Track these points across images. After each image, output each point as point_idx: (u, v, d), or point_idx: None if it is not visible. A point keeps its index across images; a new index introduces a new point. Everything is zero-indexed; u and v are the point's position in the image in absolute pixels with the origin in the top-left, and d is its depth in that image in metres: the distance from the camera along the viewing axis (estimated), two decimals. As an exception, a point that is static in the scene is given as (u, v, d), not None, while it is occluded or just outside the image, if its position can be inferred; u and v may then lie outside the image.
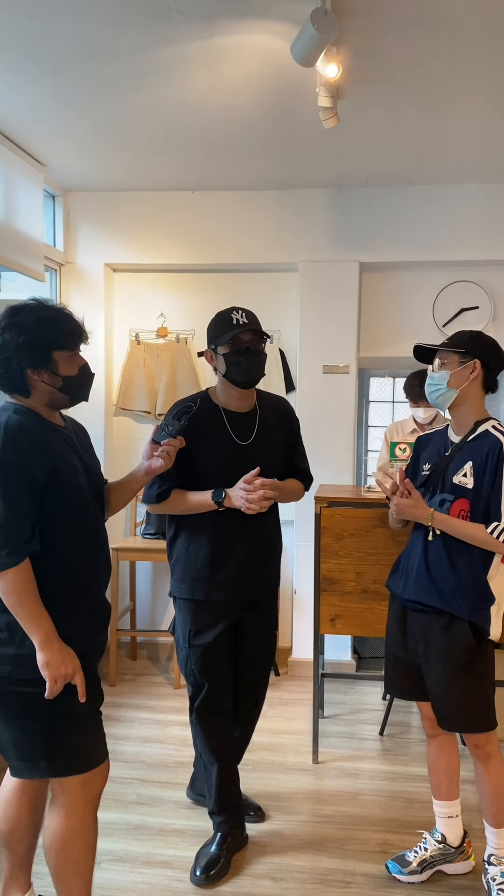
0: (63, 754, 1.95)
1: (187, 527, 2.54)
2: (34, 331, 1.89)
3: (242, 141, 3.64)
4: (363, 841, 2.78)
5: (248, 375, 2.44)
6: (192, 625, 2.53)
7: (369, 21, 2.54)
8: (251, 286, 4.56)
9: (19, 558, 1.84)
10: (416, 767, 3.34)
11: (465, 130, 3.48)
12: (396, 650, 2.51)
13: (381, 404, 6.80)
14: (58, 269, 4.51)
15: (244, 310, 2.46)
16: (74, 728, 1.96)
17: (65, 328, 1.96)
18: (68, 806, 1.99)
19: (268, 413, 2.62)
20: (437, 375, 2.35)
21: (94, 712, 2.05)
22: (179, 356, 4.58)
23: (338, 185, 4.30)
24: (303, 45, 2.36)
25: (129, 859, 2.64)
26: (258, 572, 2.58)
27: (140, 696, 4.07)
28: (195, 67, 2.91)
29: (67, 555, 1.96)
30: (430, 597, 2.33)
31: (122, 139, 3.68)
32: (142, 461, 2.23)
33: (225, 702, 2.63)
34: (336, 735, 3.65)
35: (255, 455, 2.48)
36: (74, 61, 2.90)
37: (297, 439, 2.74)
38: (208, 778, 2.63)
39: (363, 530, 3.30)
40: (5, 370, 1.91)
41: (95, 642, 2.05)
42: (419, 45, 2.69)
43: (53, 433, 1.98)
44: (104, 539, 2.13)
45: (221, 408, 2.53)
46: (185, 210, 4.45)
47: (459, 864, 2.58)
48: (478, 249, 4.26)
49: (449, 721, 2.38)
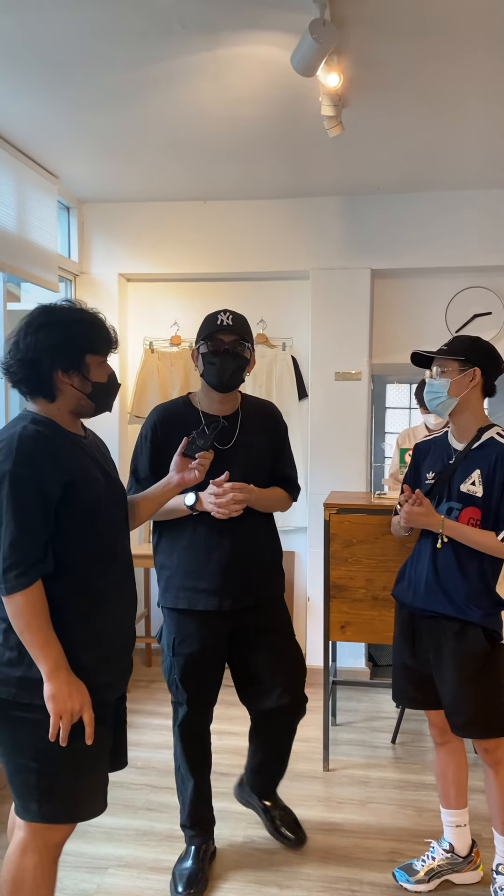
0: (56, 799, 1.79)
1: (168, 535, 2.50)
2: (71, 331, 1.81)
3: (251, 150, 3.67)
4: (371, 849, 2.77)
5: (223, 378, 2.38)
6: (175, 633, 2.47)
7: (370, 30, 2.55)
8: (263, 294, 4.59)
9: (30, 580, 1.72)
10: (427, 776, 3.31)
11: (472, 136, 3.48)
12: (405, 659, 2.48)
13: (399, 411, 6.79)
14: (73, 280, 4.57)
15: (234, 313, 2.42)
16: (75, 771, 1.80)
17: (99, 332, 1.87)
18: (26, 844, 1.82)
19: (251, 417, 2.55)
20: (437, 383, 2.33)
21: (100, 755, 1.87)
22: (192, 364, 4.60)
23: (348, 193, 4.31)
24: (302, 55, 2.37)
25: (137, 865, 2.65)
26: (240, 581, 2.45)
27: (153, 703, 4.08)
28: (201, 78, 2.94)
29: (85, 575, 1.84)
30: (441, 604, 2.32)
31: (133, 150, 3.73)
32: (171, 474, 2.18)
33: (206, 717, 2.58)
34: (348, 743, 3.64)
35: (235, 460, 2.42)
36: (85, 75, 2.94)
37: (284, 445, 2.65)
38: (183, 791, 2.60)
39: (373, 537, 3.30)
40: (34, 371, 1.80)
41: (113, 673, 1.92)
42: (420, 52, 2.70)
43: (73, 444, 1.88)
44: (127, 558, 2.01)
45: (201, 412, 2.48)
46: (198, 219, 4.49)
47: (467, 873, 2.56)
48: (490, 255, 4.25)
49: (463, 728, 2.34)
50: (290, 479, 2.64)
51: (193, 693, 2.50)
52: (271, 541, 2.63)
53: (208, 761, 2.64)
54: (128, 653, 2.00)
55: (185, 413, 2.48)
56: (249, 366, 2.46)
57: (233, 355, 2.38)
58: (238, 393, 2.56)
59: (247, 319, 2.48)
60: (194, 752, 2.58)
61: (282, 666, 2.56)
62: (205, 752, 2.63)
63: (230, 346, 2.38)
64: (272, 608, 2.60)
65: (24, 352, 1.80)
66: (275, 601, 2.63)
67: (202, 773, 2.61)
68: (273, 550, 2.64)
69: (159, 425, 2.48)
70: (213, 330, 2.39)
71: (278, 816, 2.78)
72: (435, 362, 2.36)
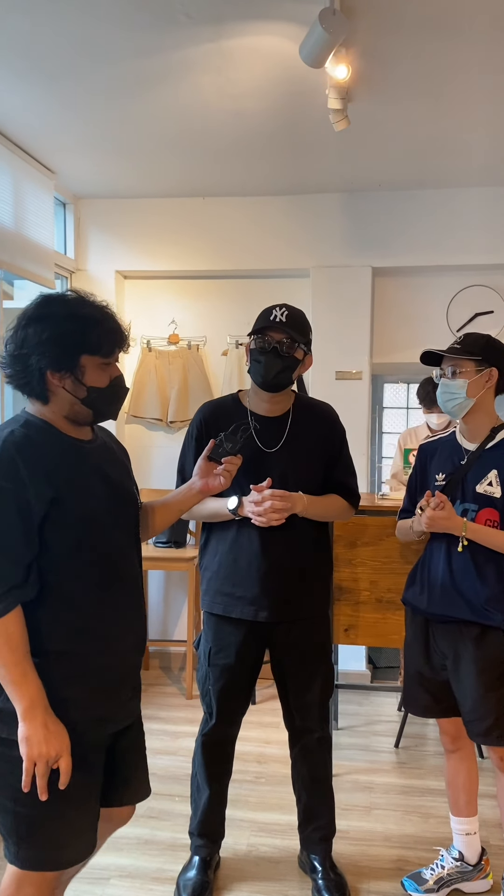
0: (35, 845, 1.61)
1: (215, 536, 2.40)
2: (62, 327, 1.60)
3: (252, 146, 3.61)
4: (377, 857, 2.72)
5: (267, 377, 2.24)
6: (213, 642, 2.39)
7: (379, 21, 2.50)
8: (263, 292, 4.49)
9: (5, 608, 1.53)
10: (432, 781, 3.27)
11: (478, 133, 3.44)
12: (420, 667, 2.40)
13: (396, 411, 6.74)
14: (69, 277, 4.50)
15: (290, 308, 2.28)
16: (55, 815, 1.60)
17: (100, 329, 1.64)
18: (21, 877, 1.65)
19: (303, 419, 2.38)
20: (454, 384, 2.26)
21: (87, 797, 1.67)
22: (191, 363, 4.55)
23: (349, 190, 4.26)
24: (311, 45, 2.32)
25: (139, 875, 2.59)
26: (279, 593, 2.32)
27: (152, 707, 4.02)
28: (204, 71, 2.88)
29: (75, 600, 1.65)
30: (460, 609, 2.25)
31: (131, 145, 3.66)
32: (194, 479, 2.00)
33: (234, 729, 2.50)
34: (350, 747, 3.59)
35: (280, 464, 2.30)
36: (83, 67, 2.88)
37: (341, 451, 2.46)
38: (197, 799, 2.53)
39: (377, 539, 3.24)
40: (23, 369, 1.62)
41: (109, 707, 1.72)
42: (430, 46, 2.65)
43: (70, 452, 1.68)
44: (132, 576, 1.80)
45: (249, 410, 2.35)
46: (196, 216, 4.43)
47: (477, 882, 2.51)
48: (492, 253, 4.20)
49: (484, 735, 2.27)
50: (348, 488, 2.46)
51: (225, 705, 2.42)
52: (320, 554, 2.47)
53: (228, 773, 2.56)
54: (129, 684, 1.79)
55: (233, 411, 2.35)
56: (303, 366, 2.33)
57: (281, 355, 2.24)
58: (291, 392, 2.42)
59: (305, 316, 2.33)
60: (215, 763, 2.50)
61: (307, 694, 2.44)
62: (226, 764, 2.54)
63: (278, 345, 2.24)
64: (311, 627, 2.43)
65: (15, 347, 1.63)
66: (315, 620, 2.45)
67: (220, 785, 2.53)
68: (320, 564, 2.47)
69: (205, 423, 2.38)
70: (264, 325, 2.25)
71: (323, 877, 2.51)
72: (448, 362, 2.29)
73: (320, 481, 2.41)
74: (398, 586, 3.23)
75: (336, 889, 2.46)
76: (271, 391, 2.31)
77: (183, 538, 4.46)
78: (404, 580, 3.14)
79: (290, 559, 2.35)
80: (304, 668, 2.44)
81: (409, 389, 6.54)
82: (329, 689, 2.52)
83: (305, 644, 2.43)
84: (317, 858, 2.54)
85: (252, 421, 2.22)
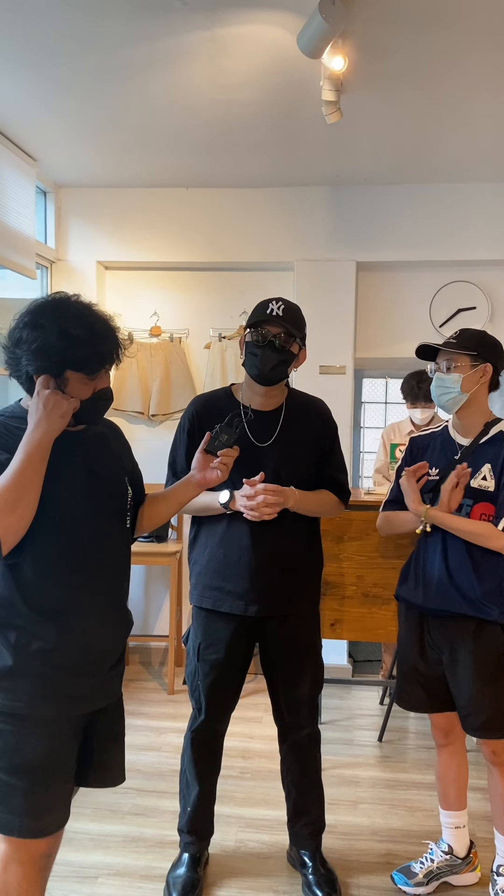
0: (12, 810, 1.70)
1: (205, 530, 2.40)
2: (50, 342, 1.64)
3: (241, 137, 3.57)
4: (366, 851, 2.72)
5: (263, 371, 2.24)
6: (202, 637, 2.38)
7: (377, 13, 2.47)
8: (246, 285, 4.50)
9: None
10: (416, 775, 3.28)
11: (465, 129, 3.44)
12: (414, 662, 2.40)
13: (374, 405, 6.76)
14: (49, 267, 4.42)
15: (286, 302, 2.27)
16: (25, 785, 1.70)
17: (86, 350, 1.67)
18: (8, 857, 1.75)
19: (297, 414, 2.39)
20: (449, 378, 2.26)
21: (63, 771, 1.77)
22: (173, 355, 4.50)
23: (335, 183, 4.24)
24: (310, 35, 2.30)
25: (128, 873, 2.56)
26: (269, 588, 2.32)
27: (133, 703, 3.98)
28: (195, 59, 2.83)
29: (46, 579, 1.71)
30: (457, 603, 2.25)
31: (116, 134, 3.60)
32: (192, 472, 2.02)
33: (223, 725, 2.49)
34: (334, 741, 3.59)
35: (273, 458, 2.30)
36: (68, 52, 2.81)
37: (333, 447, 2.46)
38: (186, 795, 2.51)
39: (363, 533, 3.25)
40: (17, 366, 1.70)
41: (77, 686, 1.77)
42: (427, 39, 2.63)
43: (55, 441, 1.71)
44: (112, 565, 1.84)
45: (242, 404, 2.35)
46: (180, 207, 4.38)
47: (466, 875, 2.53)
48: (475, 249, 4.22)
49: (480, 729, 2.28)
50: (339, 484, 2.45)
51: (214, 700, 2.41)
52: (311, 549, 2.46)
53: (217, 769, 2.54)
54: (104, 665, 1.83)
55: (226, 405, 2.34)
56: (298, 360, 2.32)
57: (277, 348, 2.23)
58: (285, 387, 2.41)
59: (300, 310, 2.33)
60: (204, 759, 2.48)
61: (296, 689, 2.44)
62: (215, 760, 2.53)
63: (275, 339, 2.23)
64: (301, 623, 2.43)
65: (11, 343, 1.70)
66: (305, 615, 2.45)
67: (209, 782, 2.51)
68: (311, 559, 2.47)
69: (197, 416, 2.36)
70: (260, 319, 2.25)
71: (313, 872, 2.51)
72: (444, 356, 2.29)
73: (312, 477, 2.41)
74: (384, 581, 3.25)
75: (326, 884, 2.45)
76: (267, 385, 2.30)
77: (164, 532, 4.42)
78: (390, 575, 3.17)
79: (281, 554, 2.34)
80: (294, 664, 2.43)
81: (388, 385, 6.58)
82: (319, 685, 2.51)
83: (295, 639, 2.42)
84: (306, 853, 2.53)
85: (247, 412, 2.20)
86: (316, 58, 2.42)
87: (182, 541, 4.54)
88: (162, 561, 4.24)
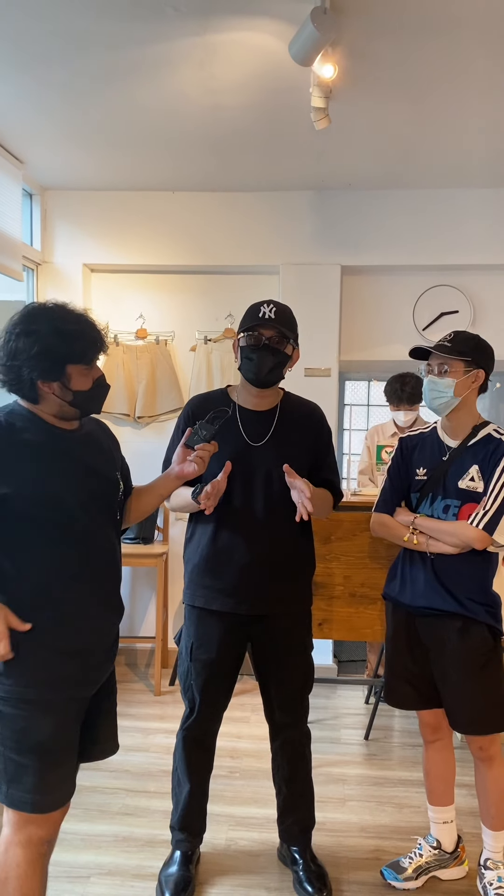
0: (21, 788, 1.80)
1: (199, 529, 2.42)
2: (49, 342, 1.76)
3: (228, 141, 3.61)
4: (355, 848, 2.75)
5: (259, 374, 2.28)
6: (194, 637, 2.40)
7: (366, 22, 2.52)
8: (232, 288, 4.53)
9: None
10: (403, 772, 3.32)
11: (450, 135, 3.50)
12: (402, 661, 2.44)
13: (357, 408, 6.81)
14: (35, 269, 4.42)
15: (278, 305, 2.30)
16: (36, 762, 1.80)
17: (82, 341, 1.82)
18: (9, 840, 1.84)
19: (290, 415, 2.42)
20: (442, 382, 2.29)
21: (68, 748, 1.87)
22: (159, 358, 4.52)
23: (320, 188, 4.29)
24: (301, 43, 2.33)
25: (119, 873, 2.57)
26: (260, 586, 2.34)
27: (120, 704, 3.87)
28: (185, 65, 2.86)
29: (40, 570, 1.82)
30: (444, 601, 2.30)
31: (103, 137, 3.62)
32: (173, 465, 2.13)
33: (215, 724, 2.51)
34: (321, 740, 3.62)
35: (266, 458, 2.32)
36: (58, 55, 2.83)
37: (327, 450, 2.49)
38: (178, 793, 2.53)
39: (350, 534, 3.29)
40: (16, 377, 1.79)
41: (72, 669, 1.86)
42: (415, 48, 2.69)
43: (49, 441, 1.85)
44: (105, 557, 1.95)
45: (237, 405, 2.39)
46: (166, 210, 4.40)
47: (454, 869, 2.57)
48: (459, 254, 4.29)
49: (467, 725, 2.33)
50: (333, 485, 2.48)
51: (207, 699, 2.43)
52: (304, 549, 2.47)
53: (209, 768, 2.56)
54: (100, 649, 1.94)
55: (221, 405, 2.35)
56: (291, 361, 2.36)
57: (272, 351, 2.27)
58: (280, 389, 2.45)
59: (292, 312, 2.36)
60: (196, 757, 2.50)
61: (288, 688, 2.47)
62: (207, 758, 2.55)
63: (270, 341, 2.27)
64: (292, 622, 2.45)
65: (7, 357, 1.79)
66: (297, 614, 2.47)
67: (201, 780, 2.53)
68: (303, 559, 2.48)
69: (192, 415, 2.38)
70: (254, 322, 2.27)
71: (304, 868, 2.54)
72: (436, 359, 2.32)
73: (304, 477, 2.42)
74: (371, 581, 3.29)
75: (317, 879, 2.48)
76: (264, 387, 2.34)
77: (151, 534, 4.43)
78: (378, 575, 3.21)
79: (273, 553, 2.36)
80: (286, 663, 2.45)
81: (370, 387, 6.63)
82: (309, 684, 2.54)
83: (287, 638, 2.44)
84: (297, 850, 2.56)
85: (232, 410, 2.24)
86: (307, 66, 2.46)
87: (168, 542, 4.55)
88: (148, 562, 4.25)
